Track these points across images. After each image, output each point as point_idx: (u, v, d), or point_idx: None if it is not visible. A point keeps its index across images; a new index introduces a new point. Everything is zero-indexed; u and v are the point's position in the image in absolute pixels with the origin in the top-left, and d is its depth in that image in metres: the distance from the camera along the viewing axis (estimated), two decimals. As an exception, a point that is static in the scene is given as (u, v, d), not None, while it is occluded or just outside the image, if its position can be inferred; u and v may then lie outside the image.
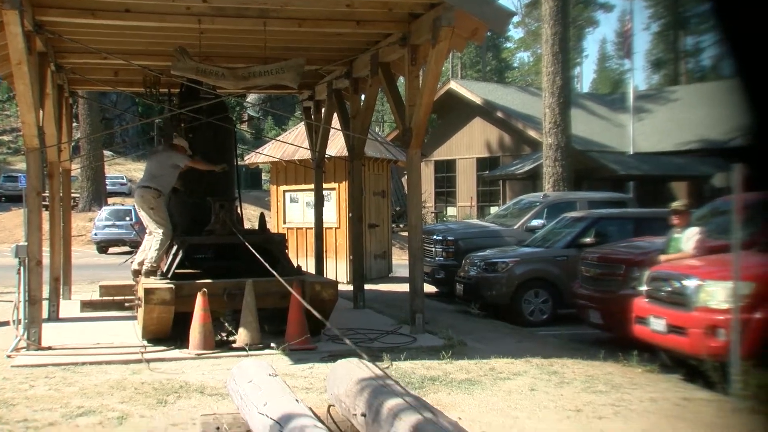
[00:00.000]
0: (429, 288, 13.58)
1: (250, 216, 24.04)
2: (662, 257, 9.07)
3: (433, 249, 14.86)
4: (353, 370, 5.34)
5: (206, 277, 9.74)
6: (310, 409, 4.89)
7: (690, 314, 7.52)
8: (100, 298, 12.40)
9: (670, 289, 8.04)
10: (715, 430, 6.09)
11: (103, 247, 26.36)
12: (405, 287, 11.25)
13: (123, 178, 40.59)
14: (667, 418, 6.40)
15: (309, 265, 14.81)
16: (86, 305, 12.14)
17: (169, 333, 9.26)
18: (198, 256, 10.98)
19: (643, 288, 8.62)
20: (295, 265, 10.83)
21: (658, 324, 8.02)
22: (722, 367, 6.74)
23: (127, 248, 24.58)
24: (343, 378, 5.30)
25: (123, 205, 29.62)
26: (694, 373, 7.35)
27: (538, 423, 6.23)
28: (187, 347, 8.93)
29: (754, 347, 6.73)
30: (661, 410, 6.67)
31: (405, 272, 11.42)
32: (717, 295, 7.27)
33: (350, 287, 13.32)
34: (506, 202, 24.45)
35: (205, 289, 8.95)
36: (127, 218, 25.53)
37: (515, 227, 15.03)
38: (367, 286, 13.34)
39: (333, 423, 5.21)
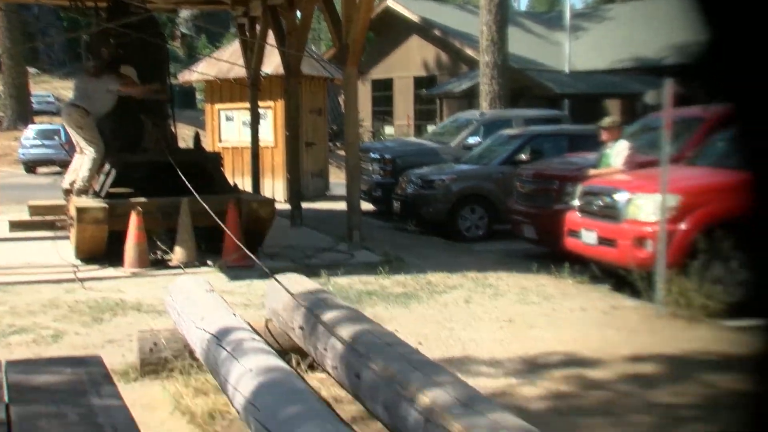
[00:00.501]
0: (366, 206, 13.64)
1: (184, 136, 23.57)
2: (592, 171, 9.26)
3: (371, 167, 14.85)
4: (290, 285, 5.38)
5: (140, 196, 9.58)
6: (248, 323, 4.91)
7: (620, 227, 7.75)
8: (30, 218, 12.10)
9: (601, 203, 8.25)
10: (640, 334, 6.36)
11: (31, 166, 25.63)
12: (342, 205, 11.30)
13: (50, 96, 39.08)
14: (596, 326, 6.65)
15: (246, 185, 14.68)
16: (15, 225, 11.85)
17: (104, 252, 9.14)
18: (131, 175, 10.77)
19: (576, 203, 8.81)
20: (232, 183, 10.73)
21: (589, 237, 8.25)
22: (648, 277, 6.99)
23: (56, 168, 23.95)
24: (281, 293, 5.33)
25: (51, 123, 28.69)
26: (622, 282, 7.62)
27: (473, 333, 6.40)
28: (122, 266, 8.84)
29: (679, 257, 6.99)
30: (591, 319, 6.92)
31: (342, 191, 11.45)
32: (645, 208, 7.49)
33: (287, 206, 13.30)
34: (443, 120, 24.47)
35: (140, 208, 8.83)
36: (56, 137, 24.78)
37: (452, 145, 15.10)
38: (304, 205, 13.33)
39: (271, 336, 5.26)
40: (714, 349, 5.90)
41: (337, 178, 19.19)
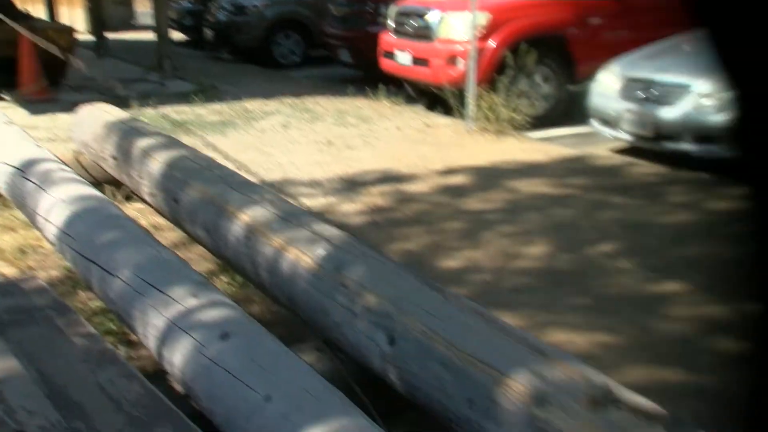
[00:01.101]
0: (178, 36, 13.01)
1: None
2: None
3: (179, -7, 14.06)
4: (100, 115, 5.12)
5: None
6: (56, 156, 4.66)
7: (432, 46, 7.86)
8: None
9: (414, 23, 8.29)
10: (452, 149, 6.65)
11: None
12: (150, 35, 10.70)
13: None
14: (410, 144, 6.87)
15: (39, 13, 13.48)
16: None
17: None
18: None
19: (390, 24, 8.81)
20: (22, 10, 9.84)
21: (403, 58, 8.33)
22: (460, 94, 7.23)
23: None
24: (90, 123, 5.08)
25: None
26: (436, 101, 7.84)
27: (292, 157, 6.44)
28: None
29: (488, 73, 7.24)
30: (406, 137, 7.13)
31: (150, 20, 10.80)
32: (456, 26, 7.61)
33: (90, 37, 12.43)
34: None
35: None
36: None
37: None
38: (108, 35, 12.50)
39: (82, 169, 5.05)
40: (519, 159, 6.30)
41: (144, 7, 18.05)
